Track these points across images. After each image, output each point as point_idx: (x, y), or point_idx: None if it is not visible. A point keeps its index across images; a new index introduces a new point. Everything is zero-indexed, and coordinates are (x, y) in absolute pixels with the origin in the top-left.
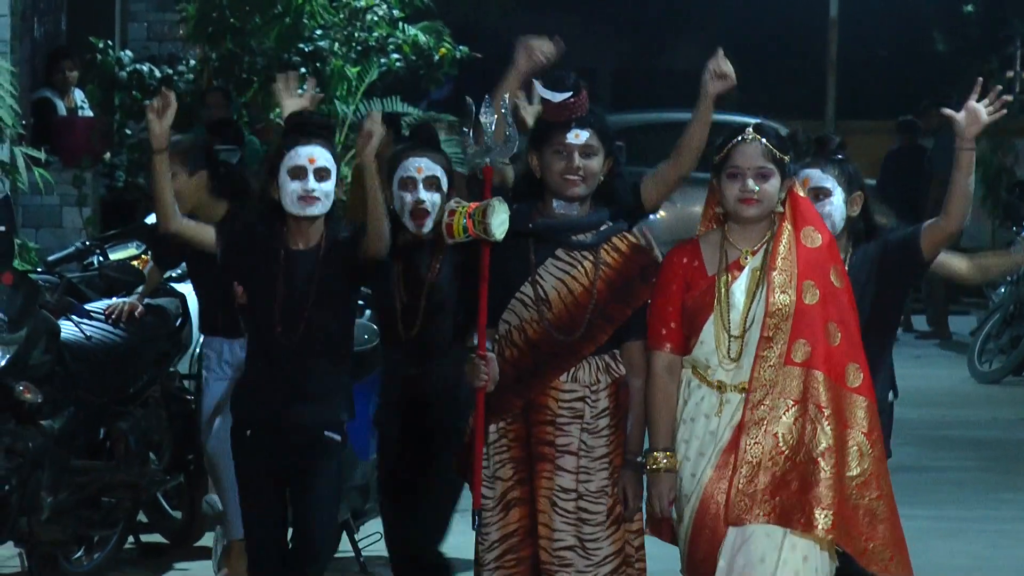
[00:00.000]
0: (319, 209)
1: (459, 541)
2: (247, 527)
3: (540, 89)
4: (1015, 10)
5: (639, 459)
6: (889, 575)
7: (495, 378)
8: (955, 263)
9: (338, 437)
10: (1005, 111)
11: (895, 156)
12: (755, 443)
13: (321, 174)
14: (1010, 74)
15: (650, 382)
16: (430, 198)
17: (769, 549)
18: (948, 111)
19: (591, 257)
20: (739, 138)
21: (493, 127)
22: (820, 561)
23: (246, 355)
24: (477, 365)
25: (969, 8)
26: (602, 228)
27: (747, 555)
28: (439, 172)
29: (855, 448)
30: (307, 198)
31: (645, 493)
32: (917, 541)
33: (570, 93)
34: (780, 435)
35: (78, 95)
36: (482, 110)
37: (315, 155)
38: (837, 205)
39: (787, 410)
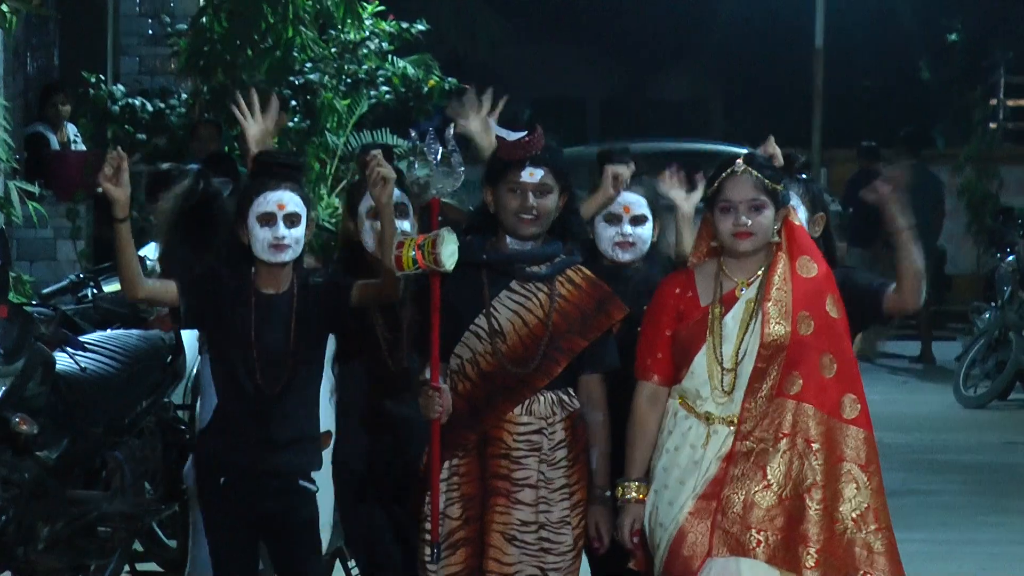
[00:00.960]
0: (290, 256)
1: None
2: (217, 573)
3: (495, 127)
4: (998, 39)
5: (607, 493)
6: None
7: (449, 410)
8: (895, 305)
9: (313, 488)
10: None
11: (857, 181)
12: (742, 475)
13: (291, 220)
14: (993, 102)
15: (632, 412)
16: (400, 226)
17: None
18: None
19: (546, 289)
20: (729, 170)
21: (438, 159)
22: None
23: (218, 401)
24: (431, 397)
25: (953, 37)
26: (556, 260)
27: None
28: (405, 199)
29: (851, 481)
30: (278, 246)
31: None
32: (907, 564)
33: (525, 132)
34: (768, 469)
35: (71, 129)
36: (427, 142)
37: (284, 200)
38: (802, 224)
39: (775, 443)
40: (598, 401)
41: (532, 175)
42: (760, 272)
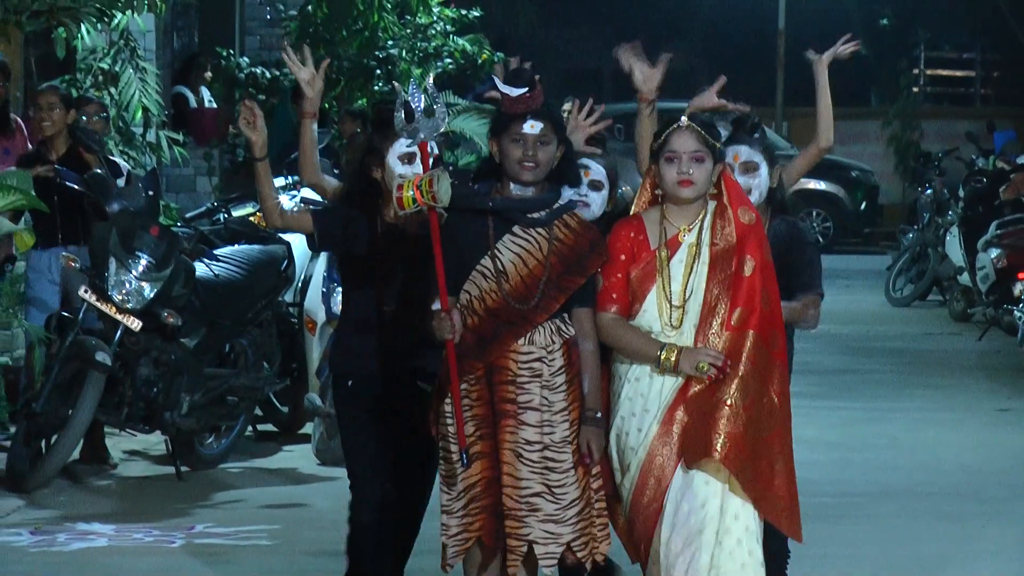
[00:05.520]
0: (395, 180)
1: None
2: (352, 462)
3: (499, 84)
4: (920, 23)
5: (598, 415)
6: (779, 525)
7: (460, 329)
8: (797, 168)
9: (428, 387)
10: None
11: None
12: (697, 394)
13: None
14: (915, 71)
15: (608, 328)
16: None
17: (711, 495)
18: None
19: (545, 233)
20: (675, 125)
21: (422, 105)
22: (755, 518)
23: (344, 314)
24: (443, 320)
25: (885, 21)
26: (555, 207)
27: (691, 501)
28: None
29: (768, 405)
30: None
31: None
32: (849, 426)
33: (526, 88)
34: (720, 388)
35: (205, 92)
36: (410, 91)
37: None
38: (764, 177)
39: (725, 367)
40: (589, 332)
41: (533, 127)
42: (699, 219)
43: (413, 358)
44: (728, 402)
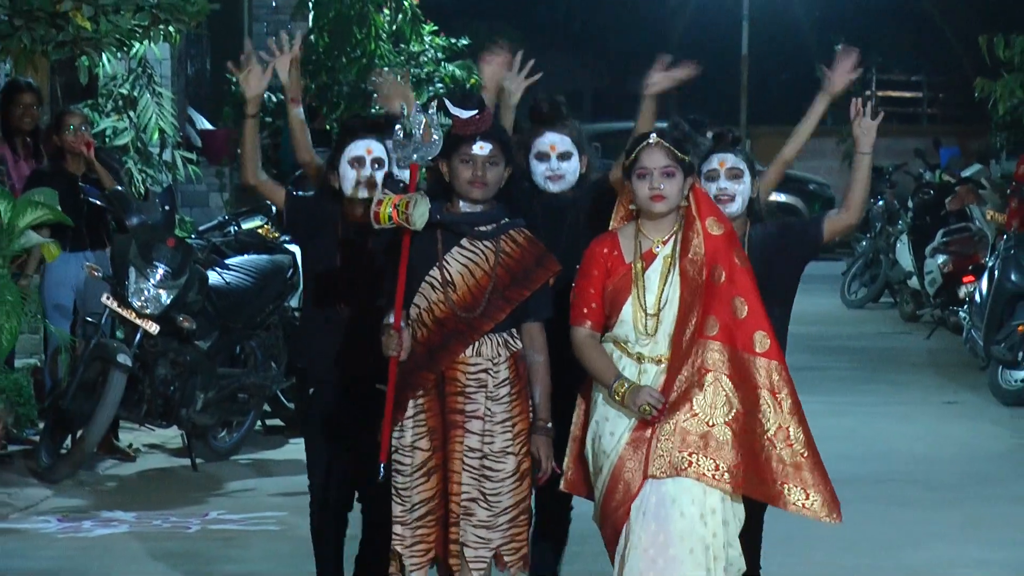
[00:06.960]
0: (377, 194)
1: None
2: (311, 469)
3: (449, 107)
4: (871, 48)
5: (548, 424)
6: (806, 513)
7: (407, 348)
8: (840, 224)
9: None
10: (881, 115)
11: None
12: (672, 407)
13: (378, 163)
14: (867, 92)
15: (577, 348)
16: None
17: (686, 504)
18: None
19: (492, 246)
20: (645, 143)
21: (420, 129)
22: (728, 512)
23: (305, 315)
24: (392, 337)
25: (839, 47)
26: (502, 222)
27: (666, 508)
28: (383, 154)
29: (765, 406)
30: (365, 184)
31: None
32: (808, 419)
33: (476, 111)
34: (694, 400)
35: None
36: (411, 115)
37: (372, 147)
38: (747, 185)
39: (700, 378)
40: (539, 345)
41: (482, 148)
42: (673, 231)
43: (372, 361)
44: (711, 423)
